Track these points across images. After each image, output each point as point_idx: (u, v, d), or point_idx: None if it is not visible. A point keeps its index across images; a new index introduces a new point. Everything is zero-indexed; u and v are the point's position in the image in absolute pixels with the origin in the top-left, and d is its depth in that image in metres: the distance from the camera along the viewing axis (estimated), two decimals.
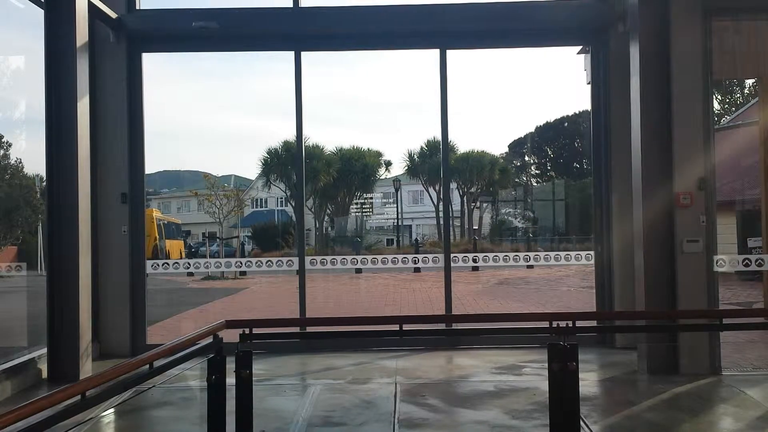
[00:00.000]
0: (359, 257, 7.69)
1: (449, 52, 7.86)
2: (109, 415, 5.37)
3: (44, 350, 6.34)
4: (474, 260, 8.02)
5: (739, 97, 28.20)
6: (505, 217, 30.33)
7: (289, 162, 23.75)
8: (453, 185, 26.56)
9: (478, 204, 29.16)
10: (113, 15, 7.28)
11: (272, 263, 7.77)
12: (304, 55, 7.78)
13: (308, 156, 23.54)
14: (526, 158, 39.36)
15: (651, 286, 6.22)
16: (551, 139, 40.18)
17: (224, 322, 3.48)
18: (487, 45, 8.15)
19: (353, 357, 7.06)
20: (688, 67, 6.21)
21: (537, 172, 40.21)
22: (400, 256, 7.64)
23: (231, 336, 3.57)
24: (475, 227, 27.91)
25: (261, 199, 28.40)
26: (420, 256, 7.75)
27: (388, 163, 28.03)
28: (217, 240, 20.56)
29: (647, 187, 6.28)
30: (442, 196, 8.69)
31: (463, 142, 30.84)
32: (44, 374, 6.31)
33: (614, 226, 7.58)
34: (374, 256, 7.64)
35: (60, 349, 6.19)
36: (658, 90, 6.29)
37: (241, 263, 8.02)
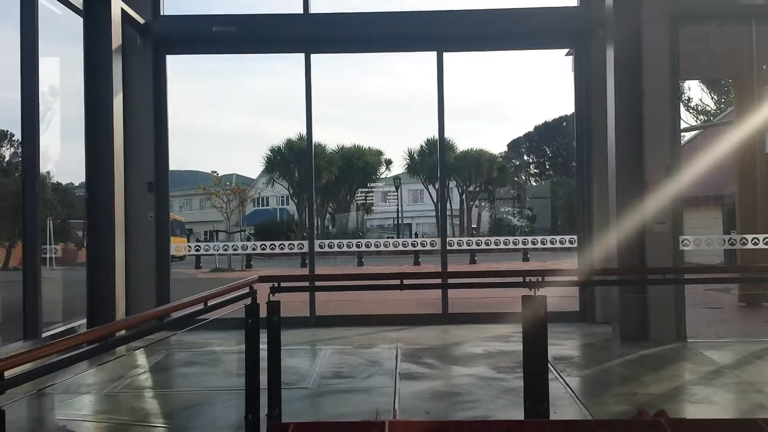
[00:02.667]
0: (363, 241, 8.47)
1: (446, 55, 8.63)
2: (146, 372, 6.15)
3: (83, 321, 7.11)
4: (468, 243, 8.79)
5: (734, 96, 28.81)
6: (504, 215, 30.89)
7: (292, 160, 24.45)
8: (452, 184, 27.12)
9: (476, 203, 29.69)
10: (141, 20, 8.05)
11: (284, 246, 8.55)
12: (313, 57, 8.55)
13: (307, 155, 24.23)
14: (525, 157, 40.03)
15: (624, 262, 6.98)
16: (550, 139, 40.80)
17: (257, 276, 4.24)
18: (480, 48, 8.94)
19: (359, 329, 7.83)
20: (657, 68, 6.98)
21: (536, 171, 40.91)
22: (400, 240, 8.39)
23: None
24: (474, 226, 28.53)
25: (263, 198, 29.08)
26: (419, 240, 8.53)
27: (389, 162, 28.59)
28: (223, 233, 21.30)
29: (620, 175, 7.06)
30: (439, 188, 9.41)
31: (464, 141, 31.45)
32: None
33: (595, 213, 8.33)
34: (377, 240, 8.39)
35: (98, 318, 6.96)
36: (630, 89, 7.06)
37: (255, 246, 8.71)
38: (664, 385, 5.26)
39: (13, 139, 8.24)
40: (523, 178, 38.72)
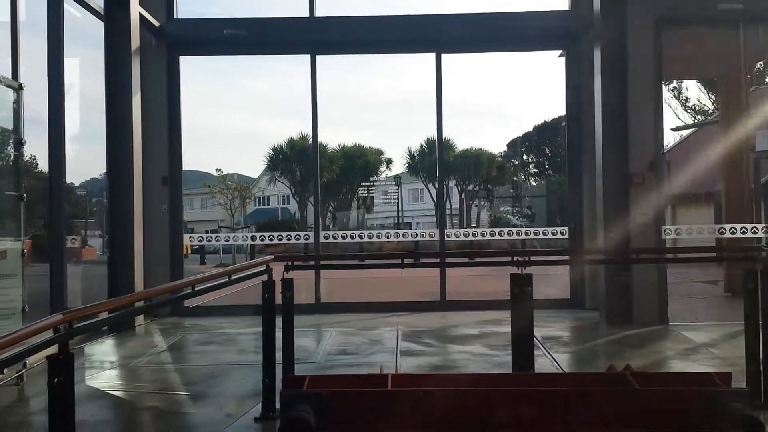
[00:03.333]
0: (366, 232, 8.95)
1: (444, 56, 9.12)
2: (164, 350, 6.64)
3: None
4: (465, 235, 9.27)
5: (722, 96, 29.28)
6: (503, 214, 31.24)
7: (294, 158, 24.83)
8: (452, 183, 27.48)
9: (476, 201, 30.01)
10: (156, 23, 8.53)
11: (291, 237, 9.04)
12: (318, 58, 9.04)
13: (312, 153, 24.70)
14: (525, 157, 40.44)
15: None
16: (549, 139, 41.15)
17: (273, 256, 4.73)
18: (475, 50, 9.44)
19: (362, 315, 8.32)
20: (642, 69, 7.46)
21: (535, 170, 41.34)
22: (401, 231, 8.86)
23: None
24: (474, 225, 28.94)
25: (264, 197, 29.47)
26: (419, 231, 9.00)
27: (389, 161, 28.96)
28: (227, 229, 21.75)
29: (607, 170, 7.54)
30: (438, 185, 9.88)
31: (465, 141, 31.79)
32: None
33: (585, 206, 8.80)
34: (378, 231, 8.87)
35: None
36: (616, 89, 7.54)
37: (264, 236, 9.18)
38: (642, 359, 5.73)
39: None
40: (523, 177, 39.15)
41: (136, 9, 7.77)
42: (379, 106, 30.70)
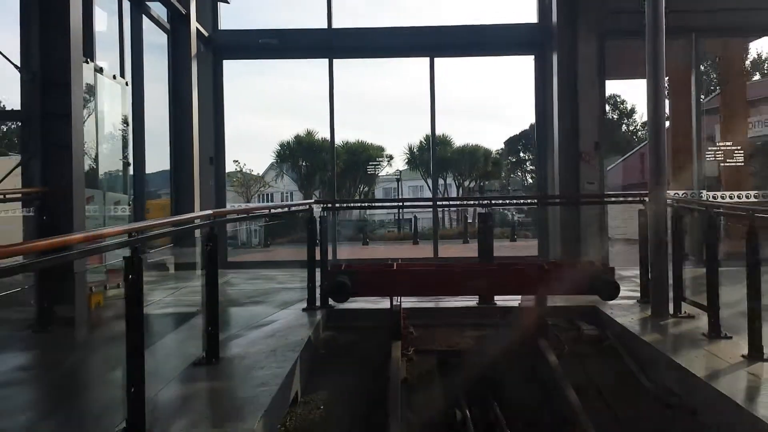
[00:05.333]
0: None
1: (436, 60, 11.25)
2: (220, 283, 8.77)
3: None
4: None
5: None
6: (499, 208, 33.18)
7: (300, 154, 26.89)
8: (450, 179, 29.52)
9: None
10: (206, 34, 10.67)
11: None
12: (333, 62, 11.17)
13: (318, 148, 26.74)
14: (522, 154, 42.47)
15: (564, 211, 9.59)
16: None
17: (314, 200, 6.87)
18: (462, 54, 11.59)
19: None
20: (588, 71, 9.61)
21: (532, 168, 43.32)
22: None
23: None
24: (470, 220, 30.91)
25: (268, 195, 31.42)
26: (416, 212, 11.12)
27: (390, 157, 30.90)
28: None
29: (562, 149, 9.70)
30: (432, 179, 11.98)
31: (463, 138, 33.74)
32: None
33: (548, 180, 10.92)
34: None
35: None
36: (569, 86, 9.68)
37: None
38: None
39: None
40: (519, 174, 41.19)
41: (193, 23, 9.90)
42: (380, 105, 32.78)
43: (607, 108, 34.09)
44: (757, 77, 20.13)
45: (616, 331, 5.88)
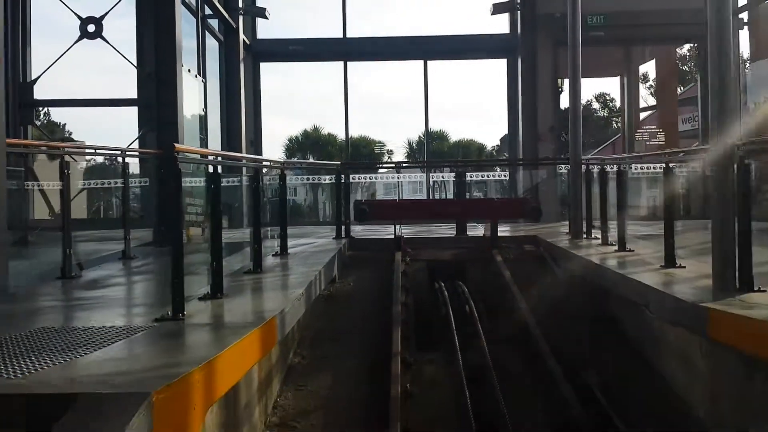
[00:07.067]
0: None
1: (429, 63, 14.18)
2: None
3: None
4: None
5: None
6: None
7: (308, 147, 29.81)
8: (447, 172, 32.37)
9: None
10: (248, 42, 13.58)
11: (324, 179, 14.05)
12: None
13: (325, 142, 29.71)
14: None
15: (526, 180, 12.50)
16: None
17: (340, 162, 9.74)
18: (450, 58, 14.50)
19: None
20: (546, 72, 12.50)
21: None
22: None
23: None
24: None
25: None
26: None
27: (390, 152, 33.78)
28: None
29: (525, 132, 12.60)
30: (426, 170, 14.96)
31: (461, 134, 36.63)
32: None
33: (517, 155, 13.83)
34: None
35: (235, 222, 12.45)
36: (531, 85, 12.58)
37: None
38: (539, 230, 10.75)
39: None
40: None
41: (240, 35, 12.81)
42: (381, 103, 35.71)
43: (597, 106, 37.13)
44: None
45: (546, 246, 8.77)
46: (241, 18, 12.75)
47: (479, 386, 5.28)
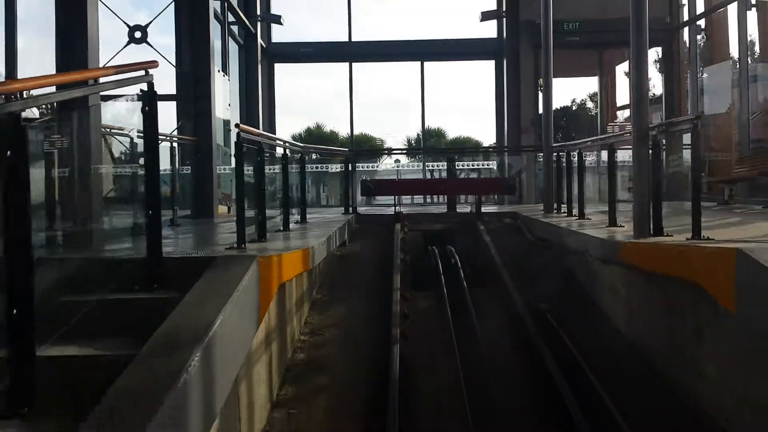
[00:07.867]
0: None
1: (426, 63, 15.83)
2: None
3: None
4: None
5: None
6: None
7: (311, 143, 31.24)
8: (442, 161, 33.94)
9: None
10: (264, 45, 15.23)
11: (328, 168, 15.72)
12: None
13: (327, 139, 31.35)
14: None
15: (511, 168, 14.16)
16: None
17: (349, 149, 11.39)
18: (445, 59, 16.16)
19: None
20: (527, 72, 14.16)
21: None
22: None
23: None
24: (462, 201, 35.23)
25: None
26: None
27: (390, 150, 35.29)
28: None
29: (510, 125, 14.26)
30: (422, 163, 16.62)
31: (460, 131, 38.25)
32: None
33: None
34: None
35: None
36: (515, 85, 14.24)
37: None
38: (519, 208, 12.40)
39: None
40: None
41: (259, 40, 14.47)
42: (381, 104, 37.38)
43: (590, 105, 38.86)
44: None
45: (522, 219, 10.42)
46: (259, 24, 14.40)
47: (460, 314, 6.93)
